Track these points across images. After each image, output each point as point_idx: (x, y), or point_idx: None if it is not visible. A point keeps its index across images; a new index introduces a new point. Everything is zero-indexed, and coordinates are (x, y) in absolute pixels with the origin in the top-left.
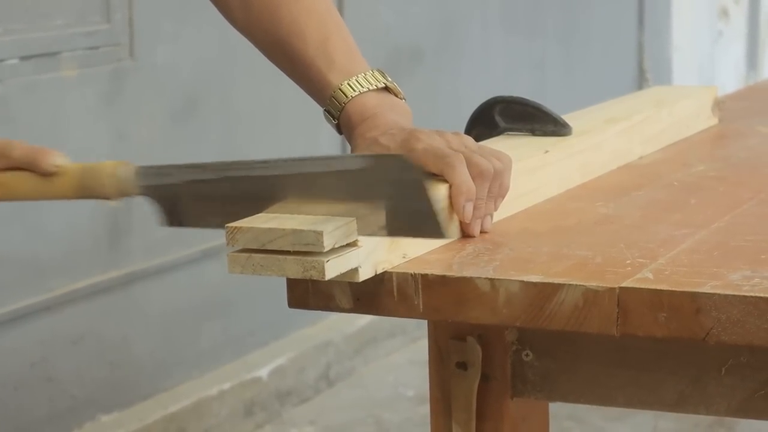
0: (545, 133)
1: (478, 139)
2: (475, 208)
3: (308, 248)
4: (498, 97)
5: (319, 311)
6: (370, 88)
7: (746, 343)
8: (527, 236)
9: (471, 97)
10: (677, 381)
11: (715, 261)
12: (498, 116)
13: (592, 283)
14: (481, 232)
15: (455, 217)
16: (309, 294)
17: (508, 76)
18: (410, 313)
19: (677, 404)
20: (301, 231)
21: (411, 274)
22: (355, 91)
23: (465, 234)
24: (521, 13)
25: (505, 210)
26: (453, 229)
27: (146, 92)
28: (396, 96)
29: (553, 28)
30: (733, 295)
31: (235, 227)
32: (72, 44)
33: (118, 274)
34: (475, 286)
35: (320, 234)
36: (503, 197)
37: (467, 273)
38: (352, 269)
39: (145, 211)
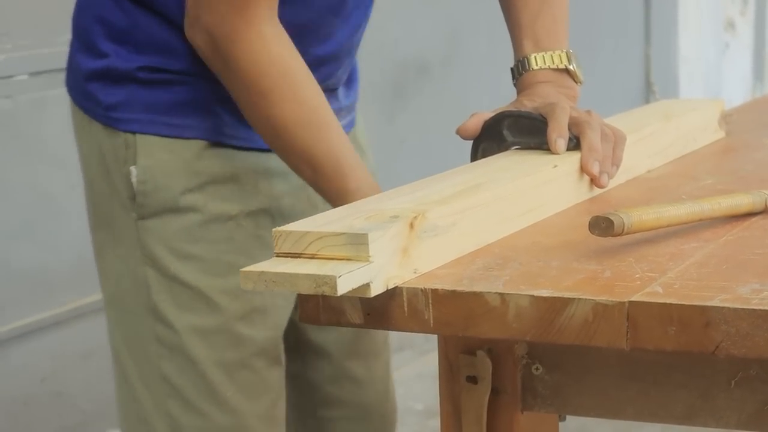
0: None
1: (485, 153)
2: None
3: (358, 251)
4: (506, 111)
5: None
6: (551, 66)
7: (756, 356)
8: (537, 250)
9: (478, 110)
10: (687, 394)
11: (723, 274)
12: (506, 130)
13: (602, 297)
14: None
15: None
16: (320, 309)
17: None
18: (421, 327)
19: (687, 417)
20: (349, 234)
21: (421, 289)
22: (537, 65)
23: (595, 186)
24: None
25: (514, 224)
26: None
27: None
28: (573, 78)
29: None
30: (742, 309)
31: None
32: None
33: None
34: (485, 301)
35: (365, 235)
36: (618, 166)
37: (477, 288)
38: (363, 285)
39: None
